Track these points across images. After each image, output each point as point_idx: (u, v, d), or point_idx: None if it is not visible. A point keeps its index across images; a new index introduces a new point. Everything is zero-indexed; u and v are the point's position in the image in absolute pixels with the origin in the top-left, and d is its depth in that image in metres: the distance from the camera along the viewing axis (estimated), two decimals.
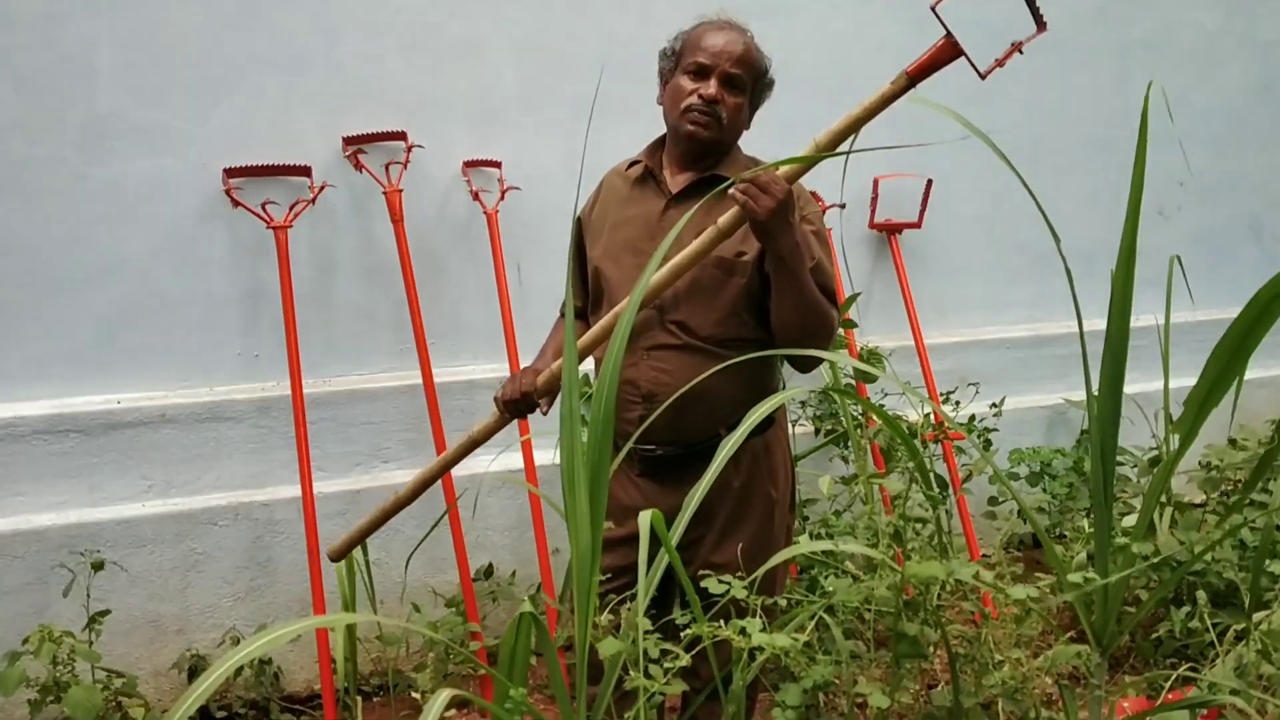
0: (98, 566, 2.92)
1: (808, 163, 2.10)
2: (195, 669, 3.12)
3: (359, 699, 3.12)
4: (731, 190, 2.07)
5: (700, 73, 2.31)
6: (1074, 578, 1.87)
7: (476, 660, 2.15)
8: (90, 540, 3.04)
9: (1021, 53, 1.99)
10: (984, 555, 4.13)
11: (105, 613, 2.90)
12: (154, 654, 3.16)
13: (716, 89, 2.29)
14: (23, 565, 2.99)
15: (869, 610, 2.20)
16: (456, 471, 3.28)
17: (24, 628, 2.88)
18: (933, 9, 1.97)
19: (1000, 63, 1.99)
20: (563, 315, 2.67)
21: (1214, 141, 4.84)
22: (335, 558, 2.80)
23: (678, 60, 2.37)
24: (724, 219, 2.12)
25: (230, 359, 3.28)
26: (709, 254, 2.18)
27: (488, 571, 3.46)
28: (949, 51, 2.00)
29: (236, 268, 3.24)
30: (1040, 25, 2.01)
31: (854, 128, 2.04)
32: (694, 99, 2.30)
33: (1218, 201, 4.93)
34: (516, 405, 2.41)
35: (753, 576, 1.97)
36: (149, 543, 3.12)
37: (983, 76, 2.00)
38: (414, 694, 3.08)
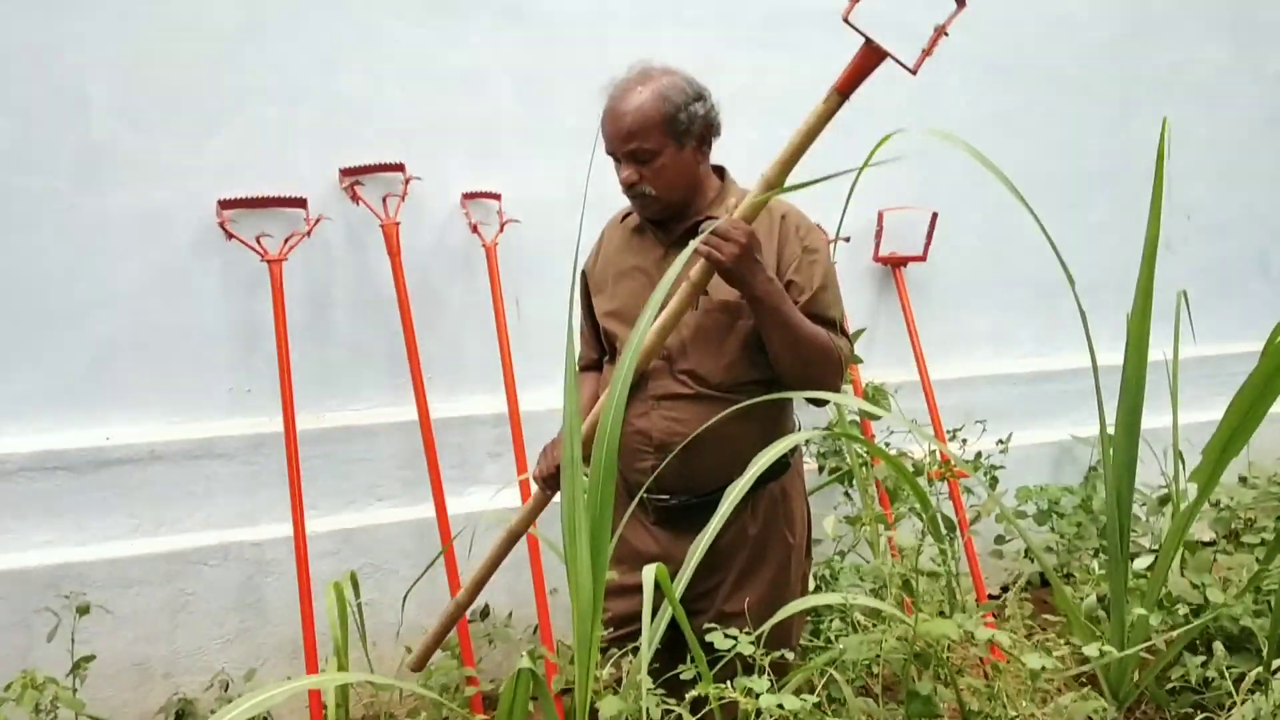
0: (83, 610, 2.84)
1: (765, 197, 2.04)
2: (182, 713, 3.04)
3: None
4: (697, 246, 2.02)
5: (616, 158, 2.26)
6: (1090, 650, 1.80)
7: (471, 717, 2.08)
8: (77, 580, 2.96)
9: (947, 35, 1.89)
10: (990, 596, 4.05)
11: (90, 658, 2.82)
12: (140, 698, 3.07)
13: (629, 170, 2.22)
14: (6, 606, 2.91)
15: (877, 662, 2.14)
16: (452, 510, 3.24)
17: (6, 670, 2.81)
18: (845, 19, 1.90)
19: (928, 52, 1.89)
20: (582, 370, 2.61)
21: (1221, 175, 4.80)
22: (415, 668, 2.78)
23: None
24: (694, 272, 2.08)
25: (222, 394, 3.21)
26: (687, 309, 2.13)
27: (484, 612, 3.38)
28: (872, 57, 1.93)
29: (230, 301, 3.18)
30: (960, 2, 1.91)
31: (797, 154, 1.99)
32: (622, 187, 2.26)
33: (1225, 235, 4.89)
34: (553, 479, 2.34)
35: (759, 630, 1.91)
36: (136, 583, 3.04)
37: (913, 72, 1.92)
38: None
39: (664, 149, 2.21)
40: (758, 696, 1.70)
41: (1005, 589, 4.25)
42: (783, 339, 2.18)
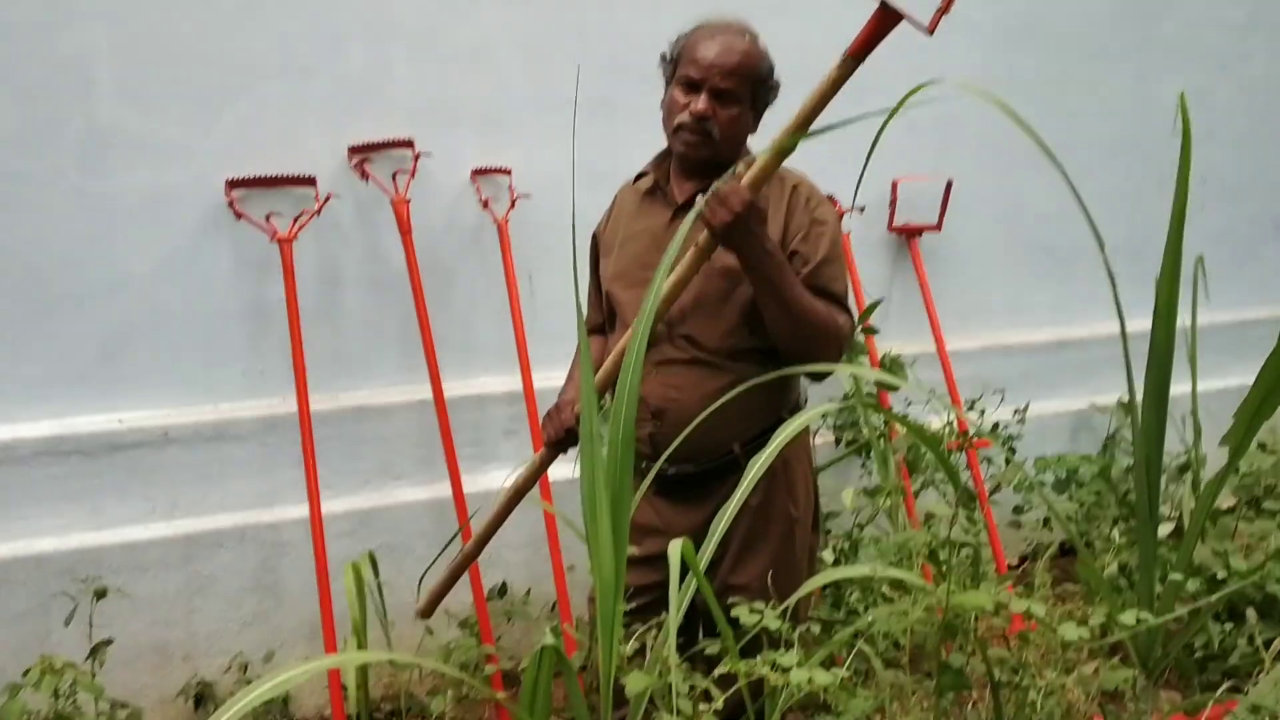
0: (100, 594, 2.82)
1: (775, 161, 2.00)
2: (202, 696, 3.03)
3: None
4: (699, 208, 2.00)
5: (692, 86, 2.22)
6: (1126, 618, 1.77)
7: (492, 692, 2.07)
8: (93, 565, 2.95)
9: None
10: (1009, 566, 4.03)
11: (108, 642, 2.80)
12: (159, 681, 3.07)
13: (706, 104, 2.20)
14: (24, 591, 2.90)
15: (904, 633, 2.11)
16: (469, 489, 3.22)
17: (25, 655, 2.80)
18: None
19: (944, 9, 1.82)
20: (588, 334, 2.59)
21: (1237, 138, 4.74)
22: (422, 615, 2.74)
23: (674, 69, 2.29)
24: (702, 237, 2.04)
25: (235, 376, 3.18)
26: (695, 274, 2.09)
27: (501, 590, 3.36)
28: (888, 19, 1.88)
29: (240, 282, 3.15)
30: None
31: (809, 119, 1.94)
32: (685, 116, 2.22)
33: (1241, 199, 4.82)
34: (562, 443, 2.32)
35: (784, 605, 1.88)
36: (153, 567, 3.03)
37: (929, 32, 1.87)
38: None
39: (741, 101, 2.24)
40: (786, 671, 1.68)
41: (1024, 559, 4.23)
42: (778, 310, 2.15)
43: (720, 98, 2.21)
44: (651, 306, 1.83)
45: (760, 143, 2.28)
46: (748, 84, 2.23)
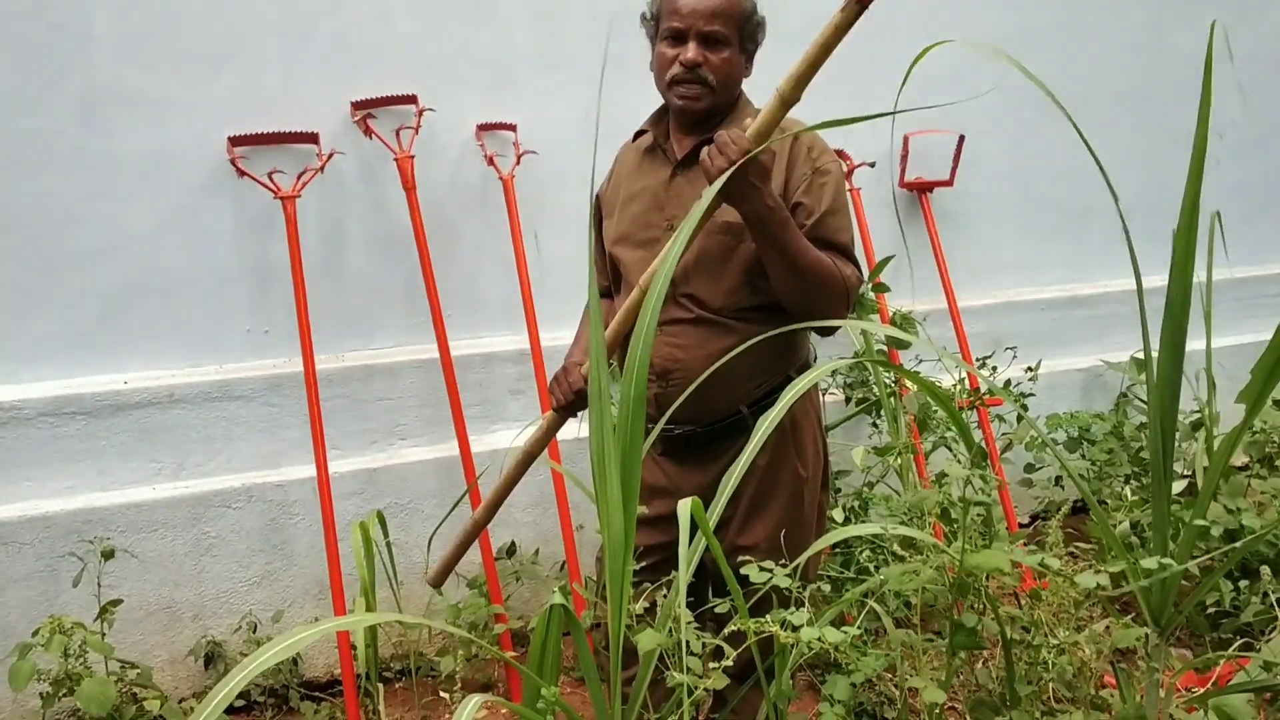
0: (108, 555, 2.82)
1: (779, 112, 1.95)
2: (212, 656, 3.03)
3: (380, 686, 3.02)
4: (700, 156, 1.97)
5: (677, 37, 2.18)
6: (1148, 563, 1.74)
7: (501, 654, 2.06)
8: (100, 526, 2.94)
9: None
10: (1020, 525, 4.01)
11: (117, 602, 2.80)
12: (169, 641, 3.07)
13: (696, 52, 2.16)
14: (31, 553, 2.90)
15: (915, 593, 2.10)
16: (476, 448, 3.20)
17: (34, 616, 2.81)
18: None
19: None
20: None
21: (1254, 91, 4.65)
22: (434, 584, 2.70)
23: (656, 25, 2.25)
24: (707, 191, 1.99)
25: (239, 336, 3.16)
26: (703, 227, 2.05)
27: (510, 550, 3.36)
28: None
29: (244, 241, 3.11)
30: None
31: (813, 67, 1.88)
32: (676, 68, 2.18)
33: (1258, 153, 4.76)
34: (572, 406, 2.29)
35: (795, 564, 1.86)
36: (160, 527, 3.03)
37: None
38: (442, 693, 3.01)
39: (730, 43, 2.19)
40: (796, 630, 1.66)
41: (1035, 518, 4.21)
42: (783, 266, 2.11)
43: (708, 42, 2.16)
44: (666, 274, 1.79)
45: (758, 92, 2.25)
46: (733, 23, 2.18)
